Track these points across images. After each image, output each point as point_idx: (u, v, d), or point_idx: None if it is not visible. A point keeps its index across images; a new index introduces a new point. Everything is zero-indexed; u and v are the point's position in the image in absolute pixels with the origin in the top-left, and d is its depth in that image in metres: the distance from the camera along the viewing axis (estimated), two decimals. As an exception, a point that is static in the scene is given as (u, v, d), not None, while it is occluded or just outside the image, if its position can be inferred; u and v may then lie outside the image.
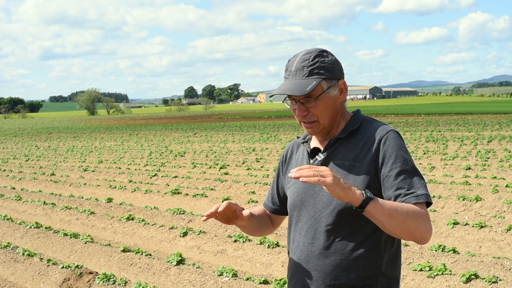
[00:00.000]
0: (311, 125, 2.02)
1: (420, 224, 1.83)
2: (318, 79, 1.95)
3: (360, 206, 1.77)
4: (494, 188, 9.46)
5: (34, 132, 51.94)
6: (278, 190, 2.27)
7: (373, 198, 1.77)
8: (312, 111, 1.99)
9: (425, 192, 1.88)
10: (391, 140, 1.95)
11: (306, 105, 1.99)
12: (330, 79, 1.98)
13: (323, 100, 1.98)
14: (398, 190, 1.88)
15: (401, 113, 60.28)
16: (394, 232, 1.82)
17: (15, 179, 15.61)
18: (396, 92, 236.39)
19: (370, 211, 1.77)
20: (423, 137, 24.87)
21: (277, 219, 2.33)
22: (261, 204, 2.43)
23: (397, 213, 1.79)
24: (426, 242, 1.88)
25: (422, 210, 1.85)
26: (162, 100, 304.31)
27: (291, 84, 1.96)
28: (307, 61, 1.97)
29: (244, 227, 2.20)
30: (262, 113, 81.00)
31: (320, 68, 1.97)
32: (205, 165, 16.75)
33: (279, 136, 30.86)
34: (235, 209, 2.06)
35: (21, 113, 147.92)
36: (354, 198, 1.75)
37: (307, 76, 1.96)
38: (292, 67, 2.00)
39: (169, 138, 33.91)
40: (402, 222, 1.80)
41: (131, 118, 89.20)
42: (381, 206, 1.78)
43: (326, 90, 1.98)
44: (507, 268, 5.39)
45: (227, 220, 2.07)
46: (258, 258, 6.62)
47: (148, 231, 8.22)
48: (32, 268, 6.47)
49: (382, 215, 1.78)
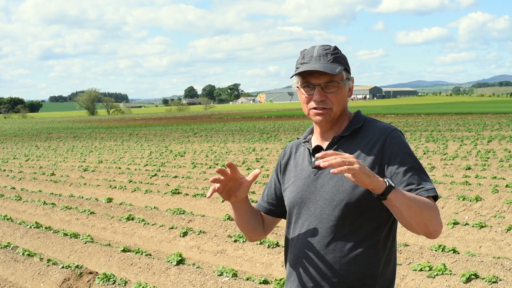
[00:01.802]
0: (324, 112, 2.01)
1: (434, 217, 1.86)
2: (341, 66, 2.00)
3: (383, 194, 1.77)
4: (494, 188, 9.46)
5: (34, 132, 51.94)
6: (275, 190, 2.25)
7: (394, 187, 1.78)
8: (330, 98, 2.00)
9: (433, 187, 1.92)
10: (396, 139, 1.97)
11: (325, 90, 2.00)
12: (348, 71, 2.05)
13: (342, 88, 2.02)
14: (408, 185, 1.90)
15: (401, 113, 60.30)
16: (411, 223, 1.84)
17: (15, 179, 15.62)
18: (396, 92, 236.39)
19: (391, 199, 1.78)
20: (423, 137, 24.88)
21: (270, 222, 2.29)
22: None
23: (415, 204, 1.81)
24: (438, 236, 1.90)
25: (434, 204, 1.89)
26: (162, 100, 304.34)
27: (319, 65, 1.97)
28: (329, 49, 2.02)
29: (240, 209, 2.15)
30: (262, 113, 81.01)
31: (341, 58, 2.03)
32: (205, 165, 16.75)
33: (279, 136, 30.87)
34: (238, 176, 2.05)
35: (21, 113, 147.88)
36: (379, 185, 1.76)
37: (332, 62, 1.99)
38: (313, 53, 2.01)
39: (169, 138, 33.91)
40: (419, 213, 1.82)
41: (131, 118, 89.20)
42: (402, 195, 1.79)
43: (344, 80, 2.03)
44: (507, 268, 5.39)
45: (228, 191, 2.05)
46: (258, 258, 6.62)
47: (148, 231, 8.22)
48: (32, 268, 6.47)
49: (402, 204, 1.79)
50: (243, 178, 2.06)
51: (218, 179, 1.98)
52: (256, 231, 2.26)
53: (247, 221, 2.20)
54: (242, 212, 2.17)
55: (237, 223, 2.22)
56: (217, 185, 2.00)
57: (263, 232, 2.29)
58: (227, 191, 2.05)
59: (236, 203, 2.11)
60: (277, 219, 2.29)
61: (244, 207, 2.16)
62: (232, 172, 2.01)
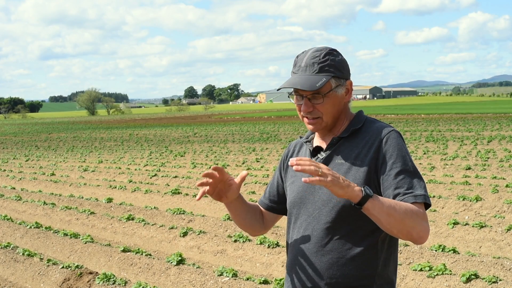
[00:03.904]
0: (314, 121, 2.02)
1: (417, 223, 1.83)
2: (328, 77, 1.96)
3: (359, 203, 1.77)
4: (494, 188, 9.46)
5: (34, 132, 51.94)
6: (278, 187, 2.26)
7: (372, 195, 1.77)
8: (318, 108, 2.00)
9: (423, 193, 1.88)
10: (392, 140, 1.96)
11: (312, 101, 1.99)
12: (338, 78, 2.00)
13: (330, 98, 1.99)
14: (397, 189, 1.89)
15: (401, 113, 60.29)
16: (391, 230, 1.82)
17: (15, 179, 15.62)
18: (396, 92, 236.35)
19: (368, 208, 1.77)
20: (423, 137, 24.88)
21: (271, 218, 2.29)
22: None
23: (395, 212, 1.79)
24: (423, 242, 1.88)
25: (420, 210, 1.85)
26: (162, 100, 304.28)
27: (301, 79, 1.97)
28: (318, 58, 1.99)
29: (234, 208, 2.16)
30: (262, 113, 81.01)
31: (330, 66, 1.98)
32: (205, 165, 16.75)
33: (279, 136, 30.87)
34: (227, 178, 2.05)
35: (21, 113, 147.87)
36: (353, 195, 1.75)
37: (317, 72, 1.97)
38: (302, 62, 2.01)
39: (169, 138, 33.91)
40: (400, 221, 1.80)
41: (131, 118, 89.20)
42: (380, 203, 1.78)
43: (334, 88, 1.99)
44: (507, 268, 5.39)
45: (219, 193, 2.06)
46: (258, 258, 6.62)
47: (148, 231, 8.22)
48: (32, 268, 6.47)
49: (380, 212, 1.78)
50: (232, 180, 2.07)
51: (206, 182, 1.99)
52: (254, 227, 2.27)
53: (243, 218, 2.22)
54: (236, 211, 2.19)
55: (234, 220, 2.25)
56: (207, 188, 2.01)
57: (263, 228, 2.30)
58: (218, 193, 2.06)
59: (229, 203, 2.13)
60: (278, 216, 2.30)
61: (238, 206, 2.17)
62: (220, 174, 2.02)
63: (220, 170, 2.01)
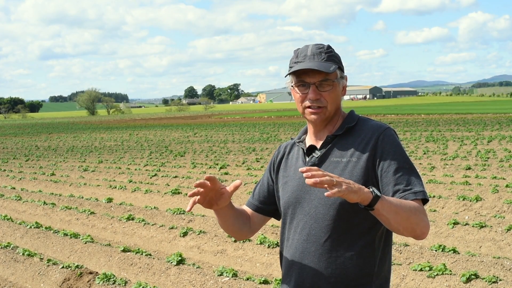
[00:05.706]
0: (319, 110, 2.02)
1: (420, 220, 1.86)
2: (336, 65, 2.01)
3: (369, 205, 1.76)
4: (494, 188, 9.46)
5: (34, 132, 51.94)
6: (268, 188, 2.25)
7: (380, 196, 1.78)
8: (325, 96, 2.01)
9: (422, 189, 1.91)
10: (389, 137, 1.98)
11: (320, 89, 2.00)
12: (341, 70, 2.05)
13: (336, 86, 2.03)
14: (396, 185, 1.90)
15: (401, 113, 60.28)
16: (398, 228, 1.84)
17: (15, 179, 15.62)
18: (396, 92, 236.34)
19: (379, 209, 1.77)
20: (423, 137, 24.87)
21: (258, 220, 2.28)
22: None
23: (402, 210, 1.81)
24: (425, 237, 1.91)
25: (420, 206, 1.88)
26: (162, 100, 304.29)
27: (313, 64, 1.98)
28: (323, 48, 2.03)
29: (223, 215, 2.14)
30: (262, 113, 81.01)
31: (335, 57, 2.04)
32: (205, 165, 16.75)
33: (279, 136, 30.86)
34: (219, 186, 2.03)
35: (21, 113, 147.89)
36: (365, 197, 1.75)
37: (326, 60, 2.00)
38: (307, 52, 2.02)
39: (169, 138, 33.90)
40: (407, 219, 1.82)
41: (131, 118, 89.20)
42: (388, 203, 1.79)
43: (339, 78, 2.04)
44: (507, 268, 5.39)
45: (210, 201, 2.04)
46: (258, 258, 6.62)
47: (148, 231, 8.22)
48: (32, 268, 6.47)
49: (389, 212, 1.79)
50: (224, 188, 2.05)
51: (198, 192, 1.97)
52: (241, 232, 2.25)
53: (231, 224, 2.20)
54: (225, 217, 2.17)
55: (221, 226, 2.22)
56: (197, 198, 1.99)
57: (250, 232, 2.28)
58: (209, 201, 2.04)
59: (219, 210, 2.11)
60: (266, 218, 2.29)
61: (227, 213, 2.15)
62: (212, 184, 1.99)
63: (212, 179, 1.98)
